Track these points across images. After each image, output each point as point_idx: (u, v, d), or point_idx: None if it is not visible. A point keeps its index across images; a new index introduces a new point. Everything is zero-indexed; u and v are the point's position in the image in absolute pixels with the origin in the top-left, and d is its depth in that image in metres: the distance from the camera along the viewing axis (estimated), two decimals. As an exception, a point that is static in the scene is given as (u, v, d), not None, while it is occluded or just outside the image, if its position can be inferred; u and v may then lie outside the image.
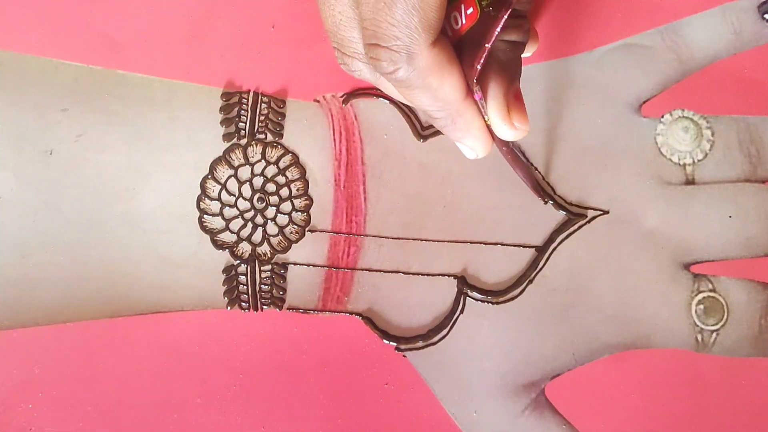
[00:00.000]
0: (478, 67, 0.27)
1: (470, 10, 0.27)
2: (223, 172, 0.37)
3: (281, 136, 0.38)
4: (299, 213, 0.37)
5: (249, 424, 0.35)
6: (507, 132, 0.29)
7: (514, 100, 0.29)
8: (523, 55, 0.31)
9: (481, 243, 0.37)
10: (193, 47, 0.39)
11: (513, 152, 0.34)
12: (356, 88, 0.38)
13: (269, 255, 0.36)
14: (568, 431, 0.36)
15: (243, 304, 0.36)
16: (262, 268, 0.36)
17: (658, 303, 0.37)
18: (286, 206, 0.37)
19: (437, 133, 0.38)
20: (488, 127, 0.30)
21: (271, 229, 0.37)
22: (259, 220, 0.37)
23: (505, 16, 0.26)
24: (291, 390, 0.35)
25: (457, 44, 0.28)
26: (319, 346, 0.36)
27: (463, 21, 0.27)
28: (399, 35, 0.25)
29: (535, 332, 0.36)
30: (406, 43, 0.25)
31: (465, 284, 0.36)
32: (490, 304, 0.36)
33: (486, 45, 0.26)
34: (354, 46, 0.29)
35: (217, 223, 0.37)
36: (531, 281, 0.37)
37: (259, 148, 0.37)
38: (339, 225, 0.37)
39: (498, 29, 0.26)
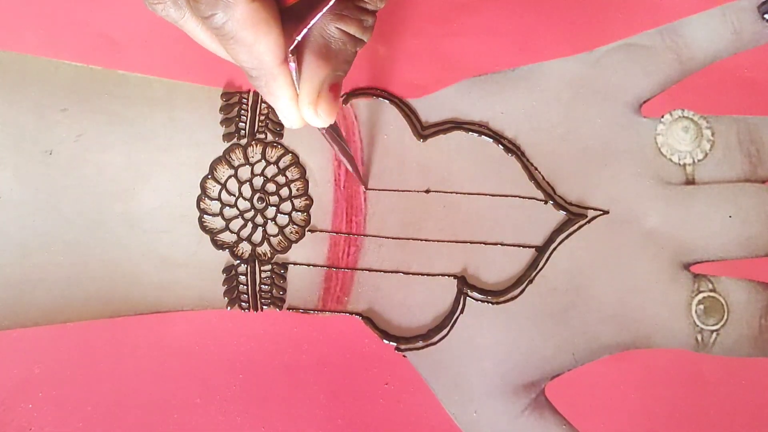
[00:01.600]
0: (297, 38, 0.26)
1: None
2: (223, 172, 0.37)
3: (281, 136, 0.38)
4: (299, 213, 0.37)
5: (249, 424, 0.35)
6: (309, 116, 0.28)
7: (329, 90, 0.28)
8: None
9: (481, 243, 0.37)
10: (193, 47, 0.38)
11: (331, 132, 0.33)
12: (356, 88, 0.38)
13: (269, 255, 0.36)
14: (568, 431, 0.36)
15: (243, 304, 0.36)
16: (262, 268, 0.36)
17: (658, 303, 0.37)
18: (286, 206, 0.37)
19: (437, 133, 0.38)
20: None
21: (271, 229, 0.37)
22: (259, 220, 0.37)
23: (331, 2, 0.25)
24: (291, 390, 0.35)
25: (292, 10, 0.27)
26: (319, 346, 0.36)
27: None
28: None
29: (535, 332, 0.36)
30: None
31: (465, 284, 0.36)
32: (490, 304, 0.36)
33: (307, 20, 0.26)
34: None
35: (217, 223, 0.37)
36: (531, 281, 0.37)
37: (259, 148, 0.37)
38: (339, 225, 0.37)
39: (323, 10, 0.25)
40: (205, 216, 0.37)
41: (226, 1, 0.25)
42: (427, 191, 0.37)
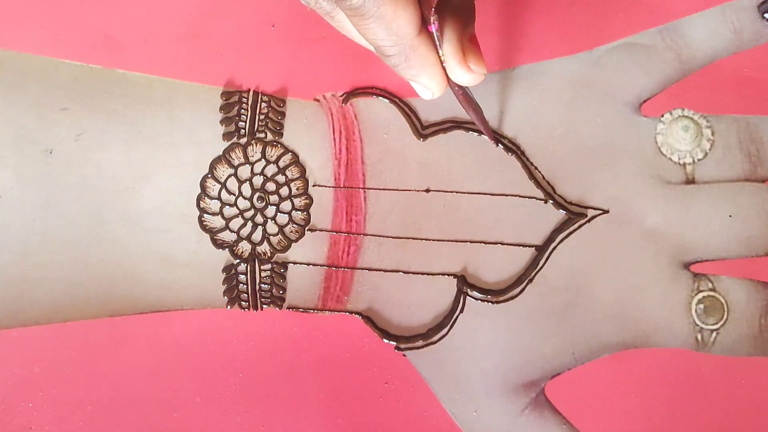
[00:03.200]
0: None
1: None
2: (223, 171, 0.37)
3: (281, 135, 0.38)
4: (299, 212, 0.37)
5: (249, 423, 0.35)
6: (463, 75, 0.29)
7: (469, 43, 0.28)
8: None
9: (480, 242, 0.37)
10: (193, 47, 0.39)
11: (466, 94, 0.33)
12: (356, 88, 0.38)
13: (269, 254, 0.36)
14: (568, 431, 0.36)
15: (243, 303, 0.36)
16: (262, 267, 0.36)
17: (658, 302, 0.37)
18: (286, 205, 0.37)
19: (437, 132, 0.38)
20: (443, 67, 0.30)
21: (271, 228, 0.37)
22: (258, 219, 0.37)
23: None
24: (291, 390, 0.35)
25: None
26: (319, 345, 0.36)
27: None
28: None
29: (535, 331, 0.36)
30: None
31: (465, 283, 0.36)
32: (490, 304, 0.36)
33: None
34: None
35: (217, 222, 0.37)
36: (531, 280, 0.37)
37: (259, 147, 0.37)
38: (339, 224, 0.37)
39: None
40: (204, 215, 0.37)
41: None
42: (427, 190, 0.37)
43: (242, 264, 0.36)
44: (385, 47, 0.28)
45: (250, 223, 0.37)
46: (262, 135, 0.38)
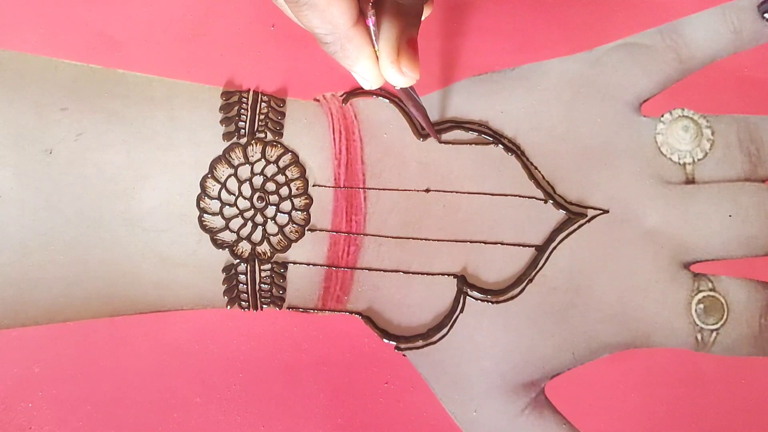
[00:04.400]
0: None
1: None
2: (223, 171, 0.37)
3: (281, 135, 0.38)
4: (299, 212, 0.37)
5: (249, 423, 0.35)
6: (393, 76, 0.28)
7: (407, 46, 0.28)
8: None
9: (480, 242, 0.37)
10: (193, 47, 0.39)
11: (406, 90, 0.33)
12: (356, 88, 0.38)
13: (269, 254, 0.36)
14: (567, 430, 0.36)
15: (243, 303, 0.36)
16: (261, 267, 0.36)
17: (658, 302, 0.37)
18: (286, 205, 0.37)
19: (437, 132, 0.38)
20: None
21: (271, 228, 0.37)
22: (258, 219, 0.37)
23: None
24: (291, 389, 0.35)
25: None
26: (318, 345, 0.36)
27: None
28: None
29: (535, 331, 0.36)
30: None
31: (465, 283, 0.36)
32: (490, 304, 0.36)
33: None
34: None
35: (217, 222, 0.37)
36: (531, 280, 0.37)
37: (259, 147, 0.37)
38: (339, 224, 0.37)
39: None
40: (204, 215, 0.37)
41: None
42: (427, 190, 0.37)
43: (242, 264, 0.36)
44: (321, 35, 0.28)
45: (250, 223, 0.37)
46: (262, 135, 0.38)
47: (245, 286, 0.36)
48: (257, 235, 0.37)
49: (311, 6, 0.26)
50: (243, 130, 0.37)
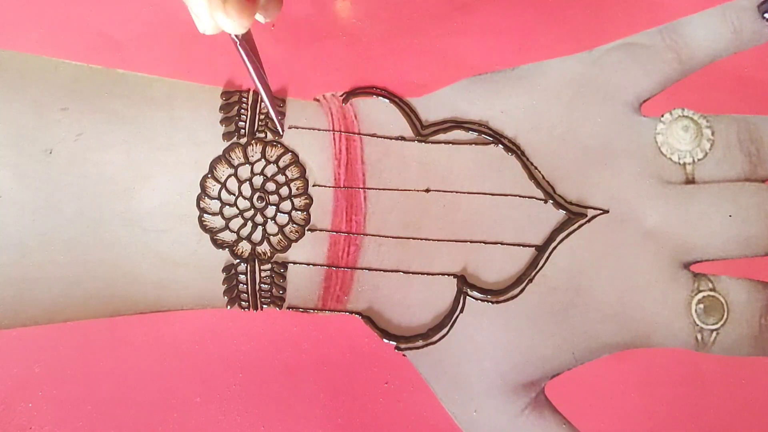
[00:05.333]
0: None
1: None
2: (223, 171, 0.37)
3: (281, 135, 0.38)
4: (299, 212, 0.37)
5: (249, 423, 0.35)
6: (220, 17, 0.27)
7: None
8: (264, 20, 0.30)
9: (481, 242, 0.37)
10: (193, 47, 0.39)
11: (244, 45, 0.31)
12: (356, 88, 0.38)
13: (269, 254, 0.36)
14: (567, 430, 0.36)
15: (243, 303, 0.36)
16: (261, 267, 0.36)
17: (658, 302, 0.37)
18: (286, 205, 0.37)
19: (437, 132, 0.38)
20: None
21: (271, 228, 0.37)
22: (258, 219, 0.37)
23: None
24: (291, 389, 0.35)
25: None
26: (319, 345, 0.36)
27: None
28: None
29: (535, 331, 0.36)
30: None
31: (465, 283, 0.36)
32: (490, 304, 0.36)
33: None
34: None
35: (217, 222, 0.37)
36: (531, 280, 0.37)
37: (259, 147, 0.37)
38: (339, 224, 0.37)
39: None
40: (204, 215, 0.37)
41: None
42: (427, 190, 0.37)
43: (242, 264, 0.36)
44: None
45: (250, 223, 0.37)
46: (262, 135, 0.38)
47: (245, 286, 0.36)
48: (257, 235, 0.37)
49: None
50: (243, 130, 0.37)
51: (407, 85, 0.39)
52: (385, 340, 0.36)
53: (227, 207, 0.37)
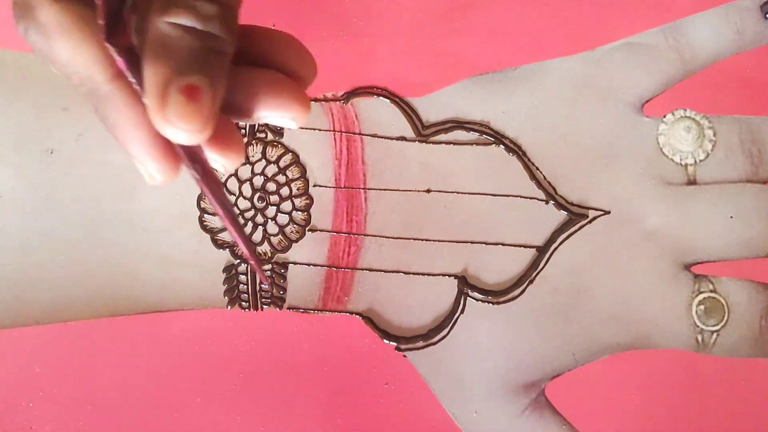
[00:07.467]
0: (100, 22, 0.20)
1: None
2: (224, 171, 0.37)
3: (282, 135, 0.38)
4: (300, 212, 0.37)
5: (249, 423, 0.35)
6: (161, 126, 0.20)
7: (179, 92, 0.20)
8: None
9: (481, 243, 0.37)
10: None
11: (204, 174, 0.23)
12: (357, 87, 0.38)
13: (269, 254, 0.36)
14: (568, 431, 0.36)
15: (243, 303, 0.36)
16: (262, 267, 0.36)
17: (658, 303, 0.37)
18: (287, 205, 0.37)
19: (438, 132, 0.38)
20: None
21: (272, 228, 0.37)
22: (259, 219, 0.37)
23: None
24: (291, 390, 0.35)
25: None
26: (319, 345, 0.36)
27: None
28: None
29: (535, 332, 0.36)
30: None
31: (465, 284, 0.36)
32: (490, 304, 0.36)
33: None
34: None
35: (218, 222, 0.37)
36: (532, 281, 0.37)
37: (260, 147, 0.37)
38: (339, 224, 0.37)
39: None
40: (205, 215, 0.37)
41: (26, 5, 0.20)
42: (428, 191, 0.37)
43: (243, 264, 0.36)
44: (78, 89, 0.22)
45: (250, 224, 0.37)
46: (263, 135, 0.37)
47: (246, 287, 0.36)
48: (258, 235, 0.37)
49: (52, 55, 0.21)
50: (243, 130, 0.37)
51: (408, 85, 0.39)
52: (386, 341, 0.36)
53: (228, 207, 0.37)
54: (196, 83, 0.21)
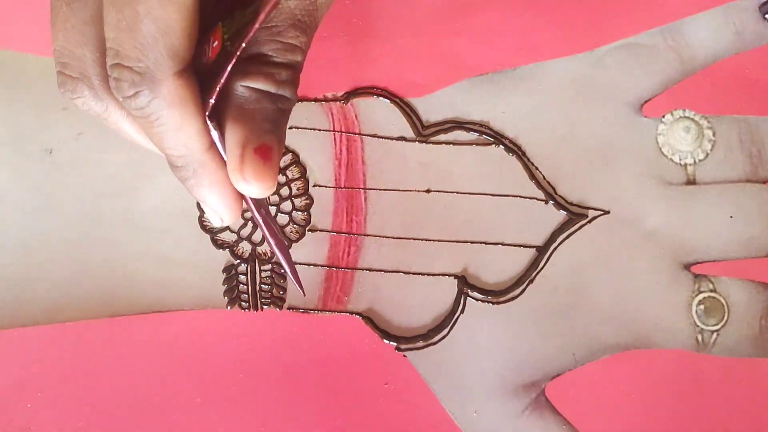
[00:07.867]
0: (211, 101, 0.23)
1: (215, 43, 0.24)
2: (224, 171, 0.37)
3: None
4: (300, 212, 0.37)
5: (249, 424, 0.35)
6: (238, 183, 0.24)
7: (254, 153, 0.24)
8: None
9: (481, 243, 0.37)
10: (194, 46, 0.38)
11: (264, 217, 0.27)
12: (357, 88, 0.38)
13: (269, 254, 0.36)
14: (568, 431, 0.36)
15: (243, 303, 0.36)
16: (262, 267, 0.36)
17: (658, 303, 0.37)
18: (287, 205, 0.37)
19: (438, 132, 0.38)
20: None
21: (272, 228, 0.37)
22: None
23: (237, 53, 0.23)
24: (291, 390, 0.35)
25: (207, 81, 0.24)
26: (319, 345, 0.36)
27: (210, 55, 0.24)
28: (143, 57, 0.22)
29: (535, 332, 0.36)
30: (150, 66, 0.22)
31: (465, 284, 0.36)
32: (490, 304, 0.36)
33: (219, 79, 0.23)
34: (83, 67, 0.26)
35: (218, 222, 0.36)
36: (531, 281, 0.37)
37: (260, 148, 0.37)
38: (339, 224, 0.37)
39: (229, 66, 0.23)
40: (205, 215, 0.37)
41: (151, 77, 0.22)
42: (428, 191, 0.37)
43: (242, 264, 0.36)
44: (173, 157, 0.25)
45: (250, 223, 0.37)
46: (263, 135, 0.37)
47: (246, 287, 0.36)
48: (258, 235, 0.37)
49: (164, 123, 0.23)
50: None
51: (408, 85, 0.39)
52: (386, 341, 0.36)
53: (227, 207, 0.37)
54: (269, 143, 0.24)
